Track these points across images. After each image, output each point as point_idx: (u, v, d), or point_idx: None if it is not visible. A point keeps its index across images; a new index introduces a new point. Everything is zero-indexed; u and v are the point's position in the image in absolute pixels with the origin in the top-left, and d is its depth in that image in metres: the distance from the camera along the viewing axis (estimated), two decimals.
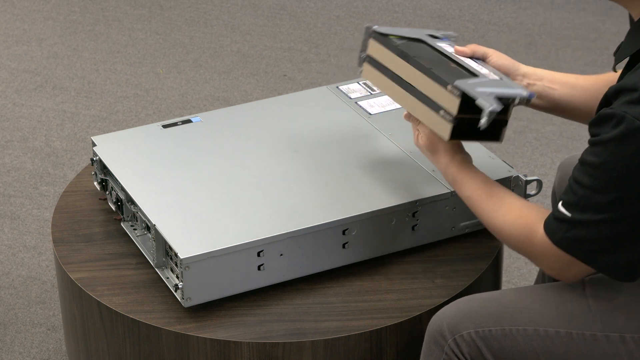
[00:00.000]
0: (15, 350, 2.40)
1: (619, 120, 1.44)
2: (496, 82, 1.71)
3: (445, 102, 1.69)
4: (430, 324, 1.66)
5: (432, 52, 1.81)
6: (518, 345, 1.60)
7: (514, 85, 1.72)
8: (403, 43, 1.82)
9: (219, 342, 1.71)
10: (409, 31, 1.86)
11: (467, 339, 1.62)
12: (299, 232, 1.76)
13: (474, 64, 1.78)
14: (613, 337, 1.57)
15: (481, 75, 1.72)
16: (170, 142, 2.01)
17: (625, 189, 1.46)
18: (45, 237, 2.74)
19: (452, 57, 1.79)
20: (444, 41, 1.86)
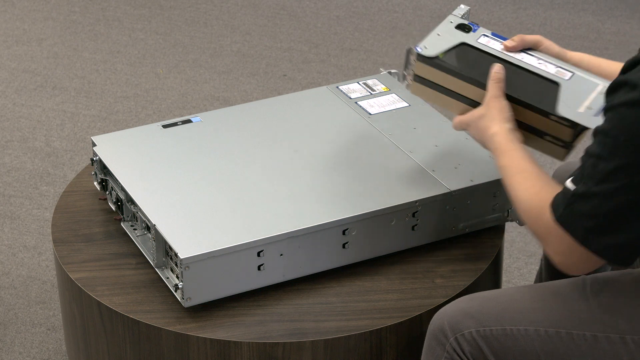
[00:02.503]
0: (15, 350, 2.40)
1: (633, 87, 1.43)
2: (587, 88, 1.71)
3: (549, 128, 1.71)
4: (431, 322, 1.67)
5: (491, 63, 1.76)
6: (519, 345, 1.60)
7: (597, 81, 1.73)
8: (456, 60, 1.78)
9: (219, 342, 1.71)
10: (447, 40, 1.80)
11: (469, 338, 1.62)
12: (299, 232, 1.76)
13: (535, 60, 1.77)
14: (614, 338, 1.57)
15: (560, 80, 1.73)
16: (170, 142, 2.01)
17: (629, 156, 1.43)
18: (45, 237, 2.74)
19: (512, 61, 1.76)
20: (479, 32, 1.82)
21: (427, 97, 1.82)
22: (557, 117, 1.69)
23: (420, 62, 1.78)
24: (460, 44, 1.79)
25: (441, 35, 1.80)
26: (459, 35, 1.80)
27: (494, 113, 1.71)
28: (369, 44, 3.72)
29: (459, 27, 1.82)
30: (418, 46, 1.78)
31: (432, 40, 1.80)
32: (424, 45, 1.79)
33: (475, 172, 1.91)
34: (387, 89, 2.16)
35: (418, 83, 1.81)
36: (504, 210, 1.92)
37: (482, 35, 1.81)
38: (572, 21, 3.85)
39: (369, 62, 3.60)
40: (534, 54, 1.79)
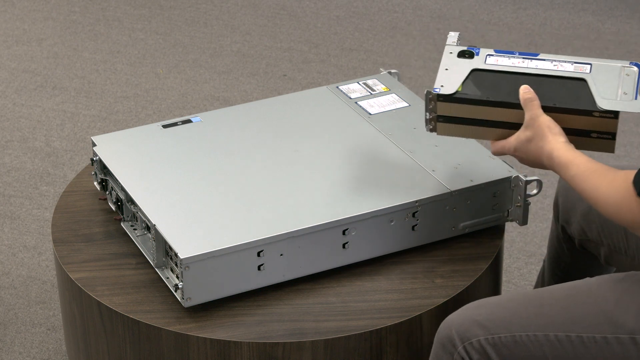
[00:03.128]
0: (15, 350, 2.40)
1: None
2: (611, 74, 1.72)
3: (595, 125, 1.70)
4: (439, 330, 1.66)
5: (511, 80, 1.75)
6: (529, 351, 1.59)
7: (615, 63, 1.74)
8: (476, 89, 1.75)
9: (219, 342, 1.71)
10: (457, 72, 1.77)
11: (477, 346, 1.61)
12: (299, 232, 1.76)
13: (549, 64, 1.77)
14: (624, 339, 1.56)
15: (584, 75, 1.73)
16: (170, 142, 2.01)
17: None
18: (45, 237, 2.73)
19: (530, 72, 1.75)
20: (483, 54, 1.80)
21: (457, 133, 1.79)
22: (601, 113, 1.69)
23: (442, 102, 1.75)
24: (472, 71, 1.77)
25: (449, 69, 1.78)
26: (466, 64, 1.78)
27: (543, 132, 1.68)
28: (369, 44, 3.72)
29: (461, 56, 1.80)
30: (435, 88, 1.75)
31: (444, 77, 1.77)
32: (439, 84, 1.76)
33: (475, 172, 1.91)
34: (387, 89, 2.16)
35: (444, 123, 1.78)
36: (504, 210, 1.92)
37: (487, 55, 1.80)
38: (572, 21, 3.85)
39: (369, 62, 3.60)
40: (545, 57, 1.78)
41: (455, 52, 1.80)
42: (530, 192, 1.89)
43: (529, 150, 1.70)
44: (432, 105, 1.76)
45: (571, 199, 1.95)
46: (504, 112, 1.73)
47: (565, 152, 1.65)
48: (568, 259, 2.03)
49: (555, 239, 2.04)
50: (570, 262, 2.04)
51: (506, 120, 1.74)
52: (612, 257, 1.91)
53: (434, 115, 1.77)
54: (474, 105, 1.74)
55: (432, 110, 1.77)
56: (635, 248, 1.86)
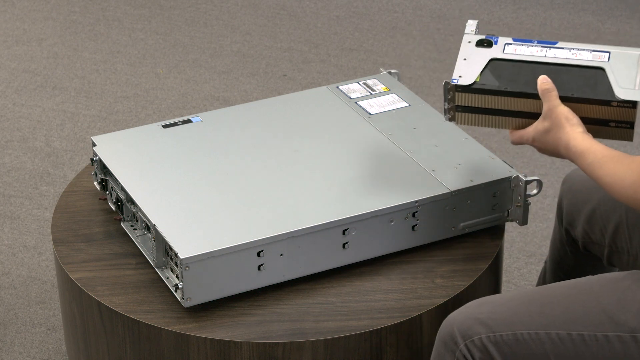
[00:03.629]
0: (15, 350, 2.40)
1: None
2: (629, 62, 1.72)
3: (613, 115, 1.70)
4: (441, 328, 1.66)
5: (529, 69, 1.75)
6: (530, 350, 1.59)
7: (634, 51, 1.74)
8: (495, 79, 1.75)
9: (219, 342, 1.71)
10: (476, 62, 1.77)
11: (479, 344, 1.61)
12: (299, 232, 1.76)
13: (568, 52, 1.77)
14: (625, 337, 1.57)
15: (602, 64, 1.73)
16: (170, 142, 2.01)
17: None
18: (45, 237, 2.73)
19: (549, 61, 1.75)
20: (501, 42, 1.79)
21: (475, 123, 1.79)
22: (619, 102, 1.69)
23: (461, 93, 1.75)
24: (490, 61, 1.77)
25: (468, 59, 1.78)
26: (485, 53, 1.78)
27: (561, 123, 1.69)
28: (369, 44, 3.72)
29: (479, 45, 1.79)
30: (453, 79, 1.75)
31: (463, 67, 1.76)
32: (458, 75, 1.75)
33: (475, 172, 1.91)
34: (387, 89, 2.16)
35: (463, 112, 1.78)
36: (504, 210, 1.92)
37: (505, 44, 1.79)
38: (572, 21, 3.85)
39: (369, 62, 3.60)
40: (564, 45, 1.78)
41: (474, 41, 1.80)
42: (530, 192, 1.89)
43: (547, 141, 1.71)
44: (450, 96, 1.76)
45: (575, 201, 1.95)
46: (522, 102, 1.74)
47: (582, 142, 1.66)
48: (571, 261, 2.03)
49: (558, 242, 2.04)
50: (573, 265, 2.04)
51: (524, 110, 1.74)
52: (614, 258, 1.91)
53: (452, 105, 1.77)
54: (492, 95, 1.74)
55: (451, 100, 1.77)
56: (637, 247, 1.86)
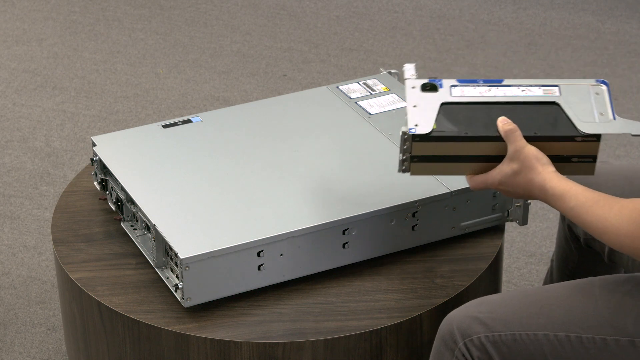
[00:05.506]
0: (15, 350, 2.40)
1: None
2: (582, 94, 1.69)
3: (576, 150, 1.66)
4: (440, 327, 1.66)
5: (484, 111, 1.68)
6: (528, 350, 1.59)
7: (581, 82, 1.71)
8: (451, 124, 1.67)
9: (219, 342, 1.71)
10: (427, 108, 1.68)
11: (477, 344, 1.61)
12: (299, 232, 1.76)
13: (518, 90, 1.70)
14: (623, 341, 1.56)
15: (555, 99, 1.69)
16: (170, 142, 2.01)
17: None
18: (45, 237, 2.74)
19: (501, 100, 1.69)
20: (447, 85, 1.72)
21: (432, 172, 1.71)
22: (583, 137, 1.65)
23: (419, 142, 1.66)
24: (442, 105, 1.69)
25: (418, 106, 1.69)
26: (433, 98, 1.70)
27: (531, 163, 1.64)
28: (369, 44, 3.72)
29: (424, 89, 1.71)
30: (410, 128, 1.65)
31: (416, 115, 1.66)
32: (413, 123, 1.65)
33: None
34: (387, 89, 2.16)
35: (419, 162, 1.68)
36: (504, 210, 1.92)
37: (451, 86, 1.71)
38: (572, 21, 3.85)
39: (369, 62, 3.60)
40: (511, 82, 1.72)
41: (418, 86, 1.71)
42: None
43: (516, 183, 1.65)
44: (407, 146, 1.67)
45: None
46: (483, 146, 1.67)
47: (559, 183, 1.61)
48: (576, 257, 2.03)
49: (563, 239, 2.04)
50: (578, 261, 2.04)
51: (486, 154, 1.67)
52: (615, 255, 1.91)
53: (408, 156, 1.68)
54: (452, 142, 1.66)
55: (407, 151, 1.67)
56: None
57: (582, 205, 1.58)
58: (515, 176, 1.65)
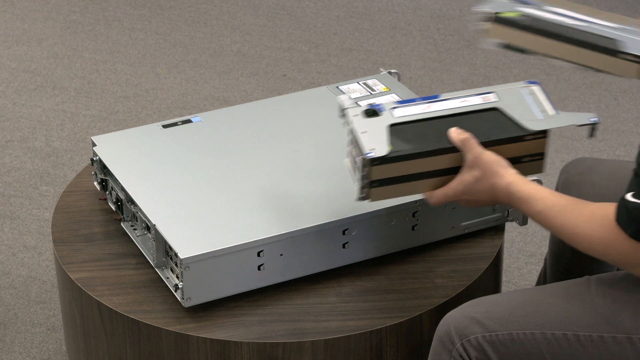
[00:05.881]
0: (15, 350, 2.40)
1: None
2: (517, 97, 1.73)
3: (527, 150, 1.70)
4: (438, 327, 1.66)
5: (431, 126, 1.70)
6: (525, 349, 1.60)
7: (515, 85, 1.75)
8: (404, 143, 1.68)
9: (219, 342, 1.71)
10: (378, 132, 1.68)
11: (475, 344, 1.61)
12: (299, 232, 1.76)
13: (458, 102, 1.73)
14: (620, 338, 1.57)
15: (495, 104, 1.72)
16: (170, 142, 2.01)
17: None
18: (45, 237, 2.74)
19: (445, 114, 1.71)
20: (388, 107, 1.73)
21: (391, 195, 1.70)
22: (532, 135, 1.68)
23: (378, 166, 1.65)
24: (390, 127, 1.69)
25: (367, 131, 1.69)
26: (379, 122, 1.70)
27: (492, 168, 1.65)
28: (369, 44, 3.72)
29: (368, 115, 1.71)
30: (367, 153, 1.64)
31: (370, 140, 1.66)
32: (371, 148, 1.64)
33: None
34: (387, 89, 2.16)
35: (379, 187, 1.68)
36: (504, 210, 1.92)
37: (391, 109, 1.72)
38: None
39: (369, 62, 3.60)
40: (446, 96, 1.74)
41: (360, 113, 1.71)
42: None
43: (479, 190, 1.66)
44: (365, 172, 1.66)
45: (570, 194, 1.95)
46: (440, 160, 1.68)
47: (524, 186, 1.62)
48: (569, 254, 2.03)
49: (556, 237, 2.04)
50: (571, 259, 2.04)
51: (444, 167, 1.68)
52: None
53: (366, 182, 1.67)
54: (410, 160, 1.67)
55: (366, 177, 1.66)
56: None
57: (550, 209, 1.59)
58: (478, 183, 1.65)
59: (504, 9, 1.78)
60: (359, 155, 1.65)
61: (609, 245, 1.53)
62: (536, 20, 1.76)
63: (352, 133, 1.69)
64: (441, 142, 1.67)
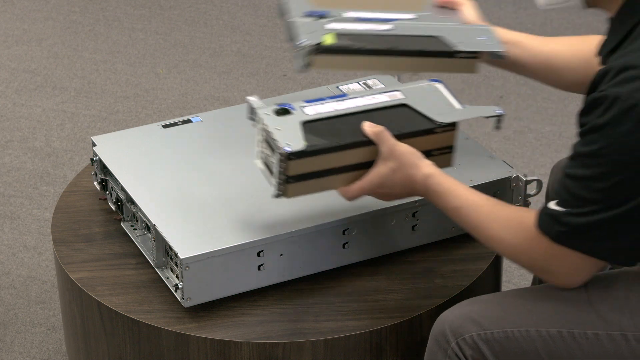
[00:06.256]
0: (15, 350, 2.40)
1: (612, 102, 1.43)
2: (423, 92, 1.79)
3: (437, 143, 1.72)
4: (433, 327, 1.66)
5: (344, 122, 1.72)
6: (521, 347, 1.60)
7: (419, 84, 1.80)
8: (319, 137, 1.69)
9: (219, 342, 1.71)
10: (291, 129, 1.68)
11: (470, 342, 1.61)
12: (299, 232, 1.76)
13: (366, 99, 1.76)
14: (615, 335, 1.57)
15: (402, 101, 1.76)
16: (170, 142, 2.01)
17: (626, 170, 1.45)
18: (45, 237, 2.74)
19: (355, 111, 1.73)
20: (298, 106, 1.74)
21: (308, 191, 1.71)
22: (442, 128, 1.71)
23: (294, 160, 1.65)
24: (303, 124, 1.70)
25: (282, 129, 1.69)
26: (292, 120, 1.71)
27: (407, 159, 1.66)
28: None
29: (279, 114, 1.72)
30: (284, 147, 1.64)
31: (284, 137, 1.66)
32: (286, 143, 1.65)
33: (475, 172, 1.91)
34: None
35: (295, 183, 1.68)
36: None
37: (301, 107, 1.73)
38: (572, 21, 3.85)
39: None
40: (355, 95, 1.76)
41: (271, 112, 1.72)
42: (530, 192, 1.89)
43: (395, 182, 1.67)
44: (282, 167, 1.66)
45: None
46: (356, 153, 1.69)
47: (443, 179, 1.64)
48: None
49: None
50: None
51: (359, 161, 1.69)
52: None
53: (283, 178, 1.67)
54: (326, 154, 1.67)
55: (282, 173, 1.66)
56: None
57: (467, 207, 1.62)
58: (394, 174, 1.67)
59: (314, 32, 1.79)
60: (276, 152, 1.66)
61: (523, 251, 1.57)
62: (357, 39, 1.79)
63: (264, 132, 1.70)
64: (355, 136, 1.68)
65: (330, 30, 1.80)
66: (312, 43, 1.76)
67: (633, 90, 1.42)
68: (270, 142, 1.68)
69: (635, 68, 1.44)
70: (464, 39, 1.82)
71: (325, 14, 1.85)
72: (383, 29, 1.82)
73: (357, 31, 1.81)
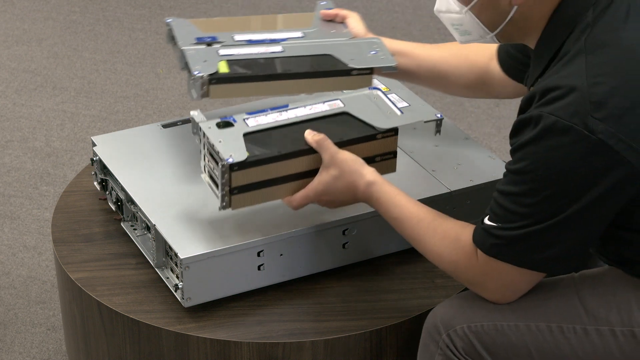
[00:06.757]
0: (15, 350, 2.40)
1: (537, 121, 1.48)
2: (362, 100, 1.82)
3: (379, 149, 1.75)
4: (426, 320, 1.68)
5: (286, 132, 1.74)
6: (510, 340, 1.61)
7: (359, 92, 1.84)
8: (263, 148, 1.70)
9: (219, 342, 1.71)
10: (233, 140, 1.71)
11: (460, 334, 1.63)
12: (299, 232, 1.76)
13: (306, 109, 1.78)
14: (603, 330, 1.58)
15: (343, 109, 1.78)
16: (170, 142, 2.01)
17: (553, 185, 1.49)
18: (45, 237, 2.74)
19: (295, 121, 1.75)
20: (240, 119, 1.76)
21: (252, 201, 1.72)
22: (383, 133, 1.74)
23: (237, 171, 1.67)
24: (245, 135, 1.72)
25: (222, 141, 1.69)
26: (233, 132, 1.72)
27: (349, 166, 1.68)
28: None
29: (221, 127, 1.73)
30: (227, 159, 1.65)
31: (227, 148, 1.68)
32: (229, 155, 1.66)
33: (475, 172, 1.91)
34: (387, 89, 2.15)
35: (239, 194, 1.69)
36: None
37: (244, 119, 1.75)
38: None
39: None
40: (295, 105, 1.79)
41: (213, 125, 1.74)
42: None
43: (337, 189, 1.69)
44: (225, 179, 1.67)
45: None
46: (299, 162, 1.70)
47: (384, 188, 1.67)
48: None
49: None
50: None
51: (303, 170, 1.71)
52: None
53: (227, 190, 1.68)
54: (268, 164, 1.68)
55: (225, 184, 1.67)
56: None
57: (406, 219, 1.65)
58: (336, 181, 1.69)
59: (206, 60, 1.80)
60: (219, 163, 1.67)
61: (460, 267, 1.61)
62: (250, 65, 1.80)
63: (207, 146, 1.72)
64: (297, 145, 1.70)
65: (223, 57, 1.81)
66: (207, 73, 1.77)
67: (555, 109, 1.47)
68: (213, 154, 1.70)
69: (556, 89, 1.49)
70: (355, 55, 1.84)
71: (214, 38, 1.87)
72: (274, 51, 1.84)
73: (250, 55, 1.83)
